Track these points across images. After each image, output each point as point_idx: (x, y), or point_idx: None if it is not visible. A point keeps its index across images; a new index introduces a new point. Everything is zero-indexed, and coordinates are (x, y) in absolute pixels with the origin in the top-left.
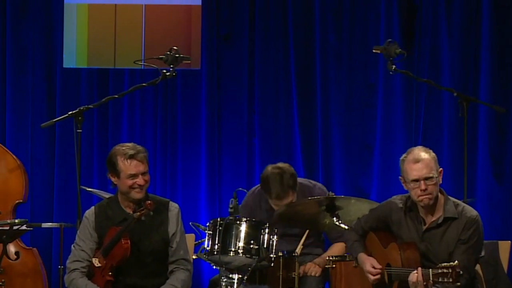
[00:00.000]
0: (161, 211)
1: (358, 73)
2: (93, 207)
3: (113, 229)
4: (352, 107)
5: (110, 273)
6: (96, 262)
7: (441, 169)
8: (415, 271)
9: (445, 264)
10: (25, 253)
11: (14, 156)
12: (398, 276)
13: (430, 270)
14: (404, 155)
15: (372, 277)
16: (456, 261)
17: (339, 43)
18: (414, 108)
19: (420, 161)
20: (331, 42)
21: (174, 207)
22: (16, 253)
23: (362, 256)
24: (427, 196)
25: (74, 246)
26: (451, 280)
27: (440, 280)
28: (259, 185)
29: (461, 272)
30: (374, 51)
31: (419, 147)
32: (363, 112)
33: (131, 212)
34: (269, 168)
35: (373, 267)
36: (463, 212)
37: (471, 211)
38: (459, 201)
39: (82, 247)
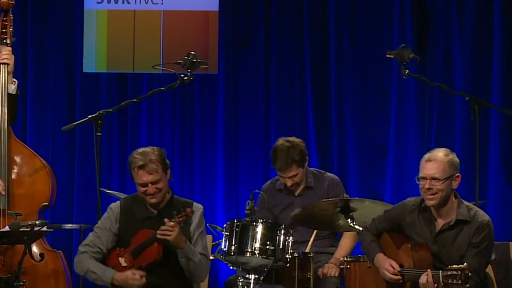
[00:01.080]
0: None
1: (372, 77)
2: (119, 201)
3: (145, 231)
4: (366, 111)
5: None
6: (122, 261)
7: (458, 174)
8: (425, 273)
9: (455, 266)
10: (49, 255)
11: (42, 160)
12: (410, 277)
13: (440, 272)
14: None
15: (389, 275)
16: (466, 264)
17: (354, 48)
18: (427, 111)
19: (432, 160)
20: (345, 47)
21: (198, 207)
22: (41, 254)
23: (381, 256)
24: (430, 196)
25: (91, 232)
26: (460, 282)
27: (449, 281)
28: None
29: (470, 274)
30: (387, 56)
31: (443, 148)
32: (377, 115)
33: (155, 212)
34: (280, 140)
35: (392, 267)
36: (476, 216)
37: (484, 216)
38: (472, 205)
39: (98, 234)
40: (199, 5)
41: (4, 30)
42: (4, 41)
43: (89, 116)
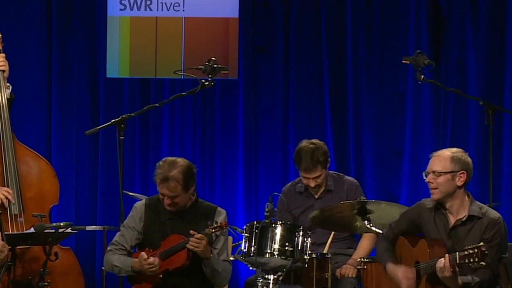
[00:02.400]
0: (208, 215)
1: (388, 82)
2: (144, 200)
3: (177, 236)
4: (383, 115)
5: (161, 276)
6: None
7: (463, 171)
8: (442, 258)
9: (471, 245)
10: (63, 253)
11: (47, 161)
12: (426, 270)
13: (457, 253)
14: None
15: (406, 281)
16: (482, 242)
17: (370, 54)
18: (442, 116)
19: (436, 156)
20: (362, 53)
21: (221, 212)
22: (55, 253)
23: (391, 266)
24: (432, 190)
25: (118, 231)
26: (477, 259)
27: (466, 261)
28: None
29: (486, 252)
30: (403, 61)
31: (456, 148)
32: (393, 119)
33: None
34: (304, 142)
35: (406, 277)
36: (487, 213)
37: (494, 213)
38: (483, 205)
39: (122, 233)
40: (219, 12)
41: None
42: None
43: (112, 120)
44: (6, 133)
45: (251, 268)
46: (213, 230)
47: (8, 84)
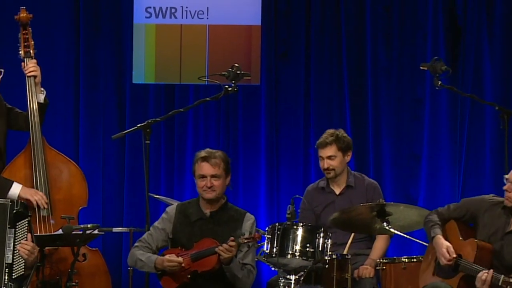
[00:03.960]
0: (236, 219)
1: (406, 88)
2: (175, 204)
3: (209, 240)
4: (401, 120)
5: (189, 276)
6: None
7: None
8: (486, 271)
9: None
10: (91, 254)
11: (76, 165)
12: (466, 270)
13: (502, 276)
14: None
15: (444, 259)
16: None
17: (389, 61)
18: (459, 120)
19: None
20: (381, 60)
21: (250, 217)
22: (84, 254)
23: (440, 239)
24: (507, 194)
25: (147, 231)
26: None
27: (506, 287)
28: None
29: None
30: (421, 68)
31: None
32: (411, 124)
33: (208, 213)
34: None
35: (448, 251)
36: None
37: None
38: None
39: (151, 233)
40: (242, 20)
41: (26, 44)
42: (28, 54)
43: (138, 125)
44: (37, 137)
45: (273, 268)
46: (246, 241)
47: (42, 89)
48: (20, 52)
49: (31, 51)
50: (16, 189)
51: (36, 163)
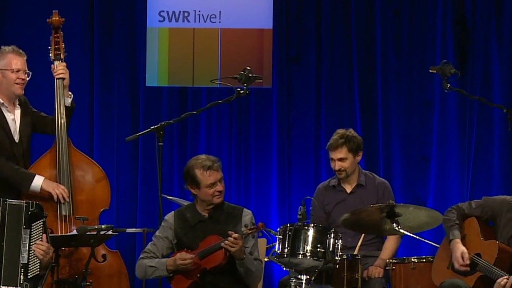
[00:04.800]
0: (235, 216)
1: (416, 91)
2: (173, 212)
3: (214, 236)
4: (411, 122)
5: (198, 275)
6: None
7: None
8: (506, 276)
9: None
10: (110, 255)
11: (100, 168)
12: (485, 270)
13: None
14: None
15: (458, 264)
16: None
17: (399, 64)
18: (467, 123)
19: None
20: (391, 63)
21: (247, 213)
22: (103, 255)
23: (458, 243)
24: None
25: (150, 242)
26: None
27: None
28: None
29: None
30: (430, 71)
31: None
32: (420, 126)
33: (206, 215)
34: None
35: (463, 257)
36: None
37: None
38: None
39: (154, 242)
40: (254, 24)
41: (57, 47)
42: (58, 56)
43: (151, 127)
44: (62, 138)
45: (284, 268)
46: (250, 232)
47: (69, 93)
48: (50, 55)
49: (61, 54)
50: (38, 181)
51: (60, 164)
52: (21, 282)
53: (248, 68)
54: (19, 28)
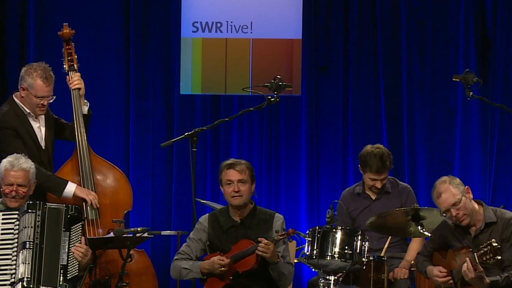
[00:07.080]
0: (266, 221)
1: (439, 99)
2: (207, 214)
3: (246, 241)
4: (435, 129)
5: (231, 277)
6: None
7: (466, 187)
8: (465, 263)
9: (484, 244)
10: (137, 255)
11: (121, 170)
12: (458, 275)
13: (475, 254)
14: None
15: (440, 280)
16: (493, 239)
17: (423, 73)
18: (489, 129)
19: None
20: (416, 72)
21: (279, 218)
22: (130, 255)
23: (430, 267)
24: (461, 220)
25: (184, 243)
26: (491, 255)
27: (484, 259)
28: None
29: (498, 246)
30: (454, 79)
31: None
32: (444, 133)
33: (238, 220)
34: (369, 147)
35: (440, 271)
36: (500, 215)
37: (506, 213)
38: (496, 208)
39: (188, 244)
40: (284, 34)
41: (70, 58)
42: (72, 67)
43: (185, 134)
44: (83, 145)
45: (313, 269)
46: (281, 237)
47: (85, 101)
48: (64, 66)
49: (74, 64)
50: (71, 188)
51: (83, 170)
52: (61, 283)
53: (278, 76)
54: (60, 40)
